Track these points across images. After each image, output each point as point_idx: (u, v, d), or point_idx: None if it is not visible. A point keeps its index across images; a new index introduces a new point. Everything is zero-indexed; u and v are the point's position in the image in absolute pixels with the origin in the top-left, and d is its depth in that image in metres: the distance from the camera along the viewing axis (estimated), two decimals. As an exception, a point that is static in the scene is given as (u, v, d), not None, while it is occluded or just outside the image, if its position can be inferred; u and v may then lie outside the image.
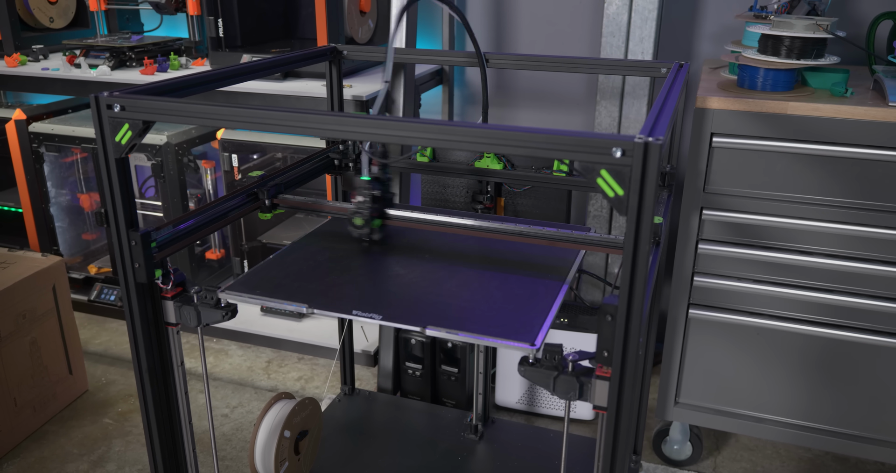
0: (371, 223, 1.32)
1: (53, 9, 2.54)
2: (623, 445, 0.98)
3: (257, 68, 1.36)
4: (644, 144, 0.81)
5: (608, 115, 2.05)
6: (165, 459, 1.25)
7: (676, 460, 1.88)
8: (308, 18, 2.39)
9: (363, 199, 1.32)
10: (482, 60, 1.52)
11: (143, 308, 1.14)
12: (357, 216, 1.32)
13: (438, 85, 2.28)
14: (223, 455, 1.91)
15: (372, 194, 1.31)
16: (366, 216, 1.31)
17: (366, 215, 1.31)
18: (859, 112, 1.43)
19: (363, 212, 1.31)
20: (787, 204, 1.54)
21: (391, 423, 1.87)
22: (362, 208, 1.32)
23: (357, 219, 1.32)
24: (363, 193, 1.31)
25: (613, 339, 0.93)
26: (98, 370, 2.29)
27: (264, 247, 2.51)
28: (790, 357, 1.64)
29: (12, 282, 1.90)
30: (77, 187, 2.61)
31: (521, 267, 1.27)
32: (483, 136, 0.88)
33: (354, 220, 1.32)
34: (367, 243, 1.36)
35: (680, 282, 1.66)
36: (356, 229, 1.33)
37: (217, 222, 1.29)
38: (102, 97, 1.03)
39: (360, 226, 1.32)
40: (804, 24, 1.46)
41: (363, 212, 1.31)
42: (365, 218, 1.31)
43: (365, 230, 1.32)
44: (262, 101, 1.97)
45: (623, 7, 1.92)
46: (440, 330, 1.04)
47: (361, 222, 1.32)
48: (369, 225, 1.32)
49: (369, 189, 1.31)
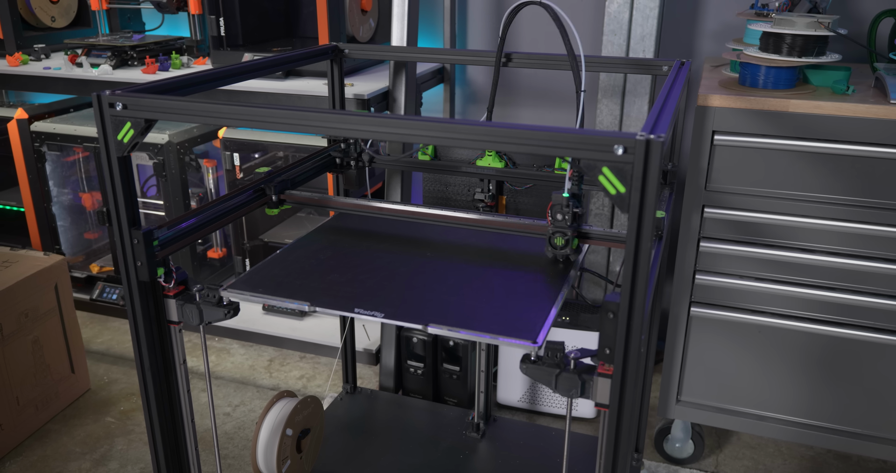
0: (572, 243, 1.22)
1: (55, 8, 2.54)
2: (625, 443, 0.98)
3: (259, 67, 1.36)
4: (646, 141, 0.81)
5: (610, 113, 2.05)
6: (168, 457, 1.25)
7: (678, 458, 1.89)
8: (309, 17, 2.39)
9: (562, 217, 1.21)
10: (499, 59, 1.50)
11: (146, 307, 1.15)
12: (558, 236, 1.22)
13: (440, 83, 2.28)
14: (225, 453, 1.92)
15: (573, 213, 1.21)
16: (568, 236, 1.22)
17: (568, 235, 1.22)
18: (861, 110, 1.43)
19: (565, 231, 1.21)
20: (789, 202, 1.54)
21: (393, 421, 1.87)
22: (562, 227, 1.21)
23: (558, 239, 1.22)
24: (563, 210, 1.21)
25: (615, 336, 0.93)
26: (100, 368, 2.29)
27: (266, 246, 2.51)
28: (792, 355, 1.64)
29: (14, 281, 1.90)
30: (79, 186, 2.61)
31: (522, 265, 1.27)
32: (485, 134, 0.88)
33: (555, 240, 1.22)
34: (561, 265, 1.24)
35: (682, 280, 1.66)
36: (554, 250, 1.23)
37: (220, 219, 1.29)
38: (105, 96, 1.03)
39: (560, 247, 1.22)
40: (805, 21, 1.46)
41: (565, 231, 1.21)
42: (566, 238, 1.22)
43: (565, 252, 1.23)
44: (264, 99, 1.98)
45: (624, 5, 1.92)
46: (442, 328, 1.04)
47: (562, 242, 1.22)
48: (570, 245, 1.22)
49: (570, 206, 1.20)
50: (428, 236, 1.40)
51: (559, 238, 1.22)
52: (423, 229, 1.43)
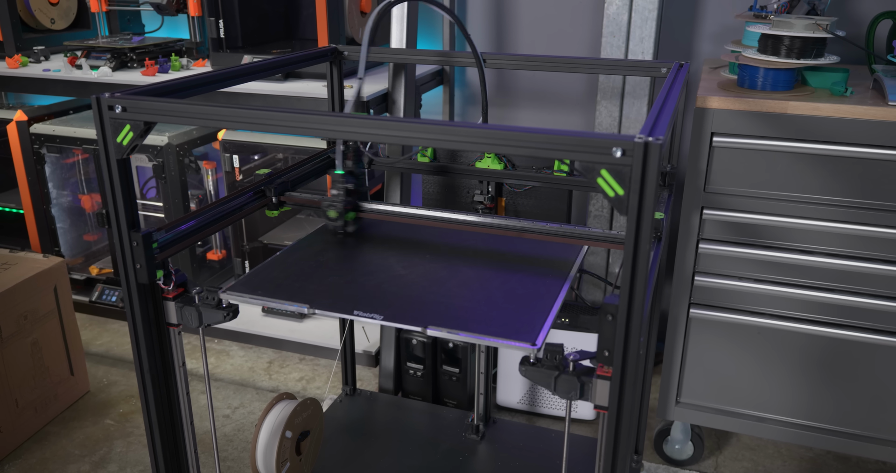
0: (345, 216, 1.37)
1: (55, 10, 2.54)
2: (624, 444, 0.98)
3: (258, 69, 1.36)
4: (644, 143, 0.82)
5: (608, 115, 2.05)
6: (167, 460, 1.25)
7: (678, 459, 1.89)
8: (309, 19, 2.39)
9: (337, 192, 1.37)
10: (479, 60, 1.53)
11: (145, 309, 1.15)
12: (331, 209, 1.37)
13: (439, 85, 2.28)
14: (224, 455, 1.92)
15: (346, 188, 1.37)
16: (339, 209, 1.37)
17: (339, 208, 1.37)
18: (859, 111, 1.43)
19: (337, 205, 1.37)
20: (788, 203, 1.54)
21: (392, 423, 1.87)
22: (336, 200, 1.37)
23: (331, 212, 1.37)
24: (337, 186, 1.37)
25: (614, 338, 0.93)
26: (99, 370, 2.29)
27: (265, 248, 2.51)
28: (791, 357, 1.64)
29: (14, 283, 1.90)
30: (78, 188, 2.61)
31: (521, 267, 1.27)
32: (484, 136, 0.88)
33: (329, 213, 1.38)
34: (341, 235, 1.40)
35: (681, 282, 1.67)
36: (331, 222, 1.39)
37: (219, 222, 1.29)
38: (104, 98, 1.03)
39: (334, 218, 1.38)
40: (804, 23, 1.46)
41: (337, 205, 1.37)
42: (339, 211, 1.37)
43: (339, 223, 1.38)
44: (263, 101, 1.98)
45: (623, 7, 1.92)
46: (441, 330, 1.04)
47: (335, 214, 1.37)
48: (343, 217, 1.37)
49: (343, 183, 1.37)
50: (427, 237, 1.40)
51: (332, 211, 1.37)
52: (423, 230, 1.43)
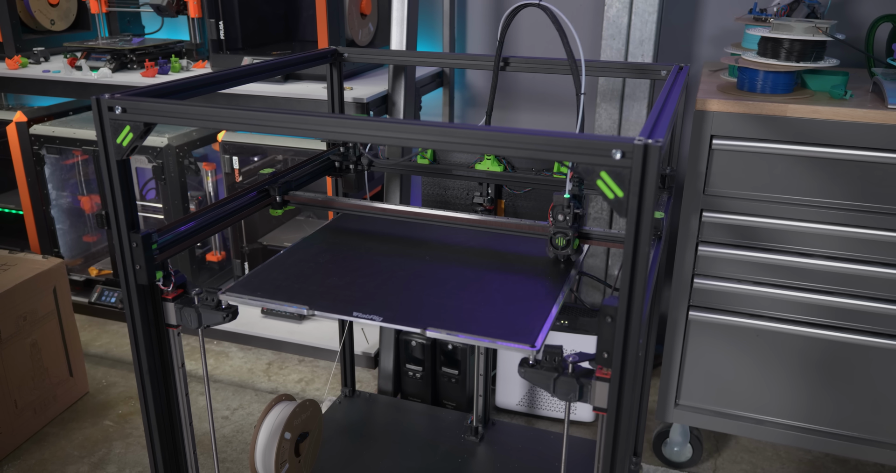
0: (572, 244, 1.25)
1: (54, 11, 2.55)
2: (623, 446, 0.98)
3: (258, 71, 1.37)
4: (644, 146, 0.82)
5: (608, 117, 2.05)
6: (166, 461, 1.25)
7: (677, 462, 1.89)
8: (309, 21, 2.40)
9: (563, 217, 1.23)
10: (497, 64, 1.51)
11: (144, 310, 1.15)
12: (559, 237, 1.25)
13: (439, 87, 2.28)
14: (224, 456, 1.92)
15: (574, 213, 1.24)
16: (569, 236, 1.24)
17: (569, 236, 1.24)
18: (858, 114, 1.43)
19: (566, 232, 1.24)
20: (787, 206, 1.54)
21: (392, 425, 1.87)
22: (563, 228, 1.24)
23: (560, 239, 1.25)
24: (564, 211, 1.23)
25: (613, 340, 0.93)
26: (98, 372, 2.29)
27: (265, 249, 2.51)
28: (790, 359, 1.65)
29: (13, 284, 1.90)
30: (78, 190, 2.61)
31: (521, 268, 1.27)
32: (483, 138, 0.88)
33: (557, 241, 1.25)
34: (562, 265, 1.27)
35: (680, 284, 1.67)
36: (555, 250, 1.26)
37: (220, 222, 1.29)
38: (104, 99, 1.03)
39: (562, 247, 1.25)
40: (803, 26, 1.46)
41: (566, 232, 1.24)
42: (567, 239, 1.25)
43: (567, 252, 1.26)
44: (263, 103, 1.98)
45: (623, 10, 1.93)
46: (440, 332, 1.04)
47: (563, 242, 1.25)
48: (571, 246, 1.25)
49: (571, 207, 1.23)
50: (427, 239, 1.40)
51: (560, 239, 1.25)
52: (423, 232, 1.43)
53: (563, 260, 1.28)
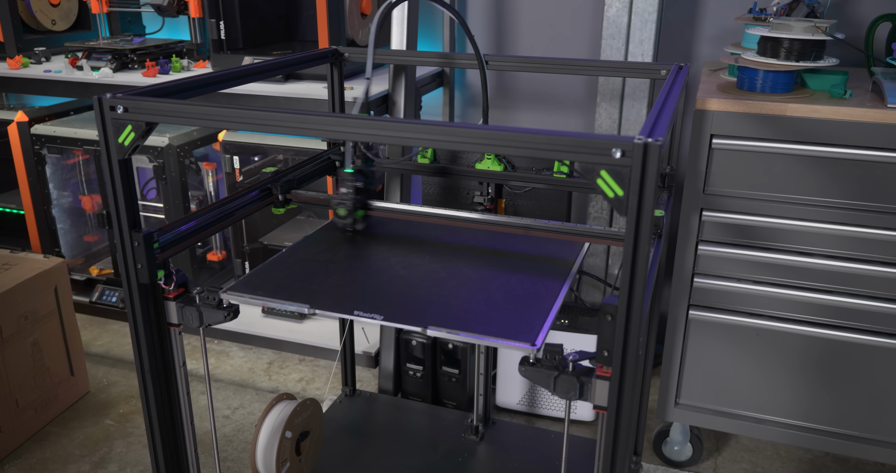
0: (354, 214, 1.39)
1: (56, 11, 2.55)
2: (623, 445, 0.99)
3: (259, 70, 1.37)
4: (643, 145, 0.82)
5: (608, 116, 2.06)
6: (167, 460, 1.25)
7: (677, 461, 1.89)
8: (309, 21, 2.40)
9: (346, 190, 1.38)
10: (482, 62, 1.53)
11: (146, 309, 1.15)
12: (340, 207, 1.39)
13: (439, 87, 2.28)
14: (224, 456, 1.92)
15: (355, 186, 1.38)
16: (348, 207, 1.38)
17: (348, 206, 1.38)
18: (858, 114, 1.43)
19: (346, 202, 1.38)
20: (787, 205, 1.54)
21: (392, 424, 1.87)
22: (345, 198, 1.38)
23: (340, 209, 1.39)
24: (346, 184, 1.38)
25: (613, 339, 0.94)
26: (99, 371, 2.30)
27: (265, 248, 2.51)
28: (790, 358, 1.65)
29: (14, 283, 1.91)
30: (79, 189, 2.62)
31: (521, 268, 1.27)
32: (484, 137, 0.89)
33: (338, 210, 1.39)
34: (350, 233, 1.42)
35: (680, 283, 1.67)
36: (340, 220, 1.40)
37: (221, 221, 1.29)
38: (106, 99, 1.03)
39: (343, 216, 1.39)
40: (803, 26, 1.47)
41: (346, 202, 1.38)
42: (348, 208, 1.38)
43: (348, 220, 1.39)
44: (264, 103, 1.98)
45: (623, 9, 1.93)
46: (441, 330, 1.05)
47: (345, 212, 1.39)
48: (352, 215, 1.39)
49: (352, 181, 1.38)
50: (428, 238, 1.41)
51: (342, 209, 1.39)
52: (423, 230, 1.44)
53: (349, 230, 1.42)
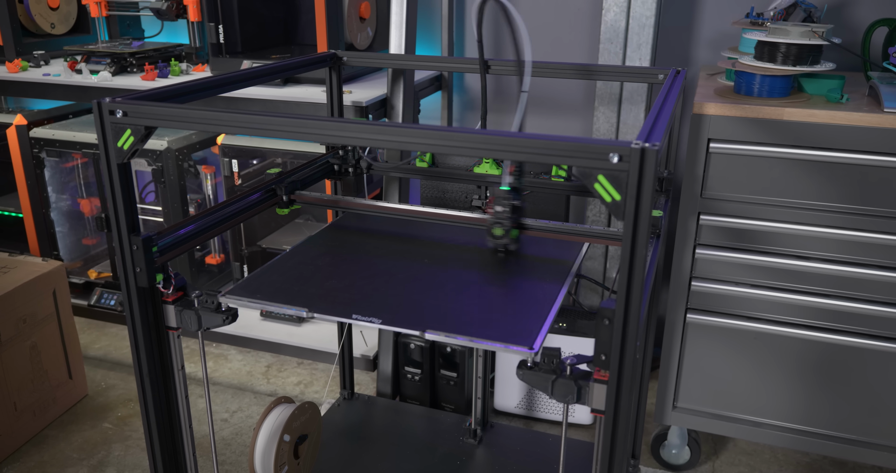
0: (510, 234, 1.31)
1: (55, 15, 2.55)
2: (621, 448, 0.99)
3: (258, 74, 1.37)
4: (641, 149, 0.82)
5: (606, 121, 2.06)
6: (165, 463, 1.25)
7: (675, 464, 1.89)
8: (308, 25, 2.40)
9: (502, 209, 1.30)
10: (483, 67, 1.53)
11: (144, 312, 1.15)
12: (497, 227, 1.31)
13: (438, 91, 2.29)
14: (223, 459, 1.92)
15: (512, 204, 1.30)
16: (507, 226, 1.30)
17: (507, 226, 1.30)
18: (855, 118, 1.44)
19: (504, 222, 1.30)
20: (784, 209, 1.55)
21: (390, 427, 1.87)
22: (502, 218, 1.30)
23: (497, 229, 1.31)
24: (502, 203, 1.30)
25: (611, 343, 0.94)
26: (98, 374, 2.29)
27: (264, 252, 2.51)
28: (788, 362, 1.65)
29: (13, 287, 1.91)
30: (77, 192, 2.62)
31: (520, 270, 1.28)
32: (482, 141, 0.89)
33: (494, 230, 1.31)
34: (502, 254, 1.36)
35: (678, 287, 1.67)
36: (494, 239, 1.32)
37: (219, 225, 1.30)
38: (105, 103, 1.03)
39: (499, 236, 1.31)
40: (800, 30, 1.47)
41: (504, 222, 1.30)
42: (505, 228, 1.30)
43: (504, 241, 1.32)
44: (263, 106, 1.98)
45: (621, 14, 1.94)
46: (439, 334, 1.05)
47: (501, 232, 1.31)
48: (508, 235, 1.31)
49: (509, 199, 1.30)
50: (426, 241, 1.41)
51: (498, 229, 1.31)
52: (422, 233, 1.44)
53: (502, 250, 1.36)
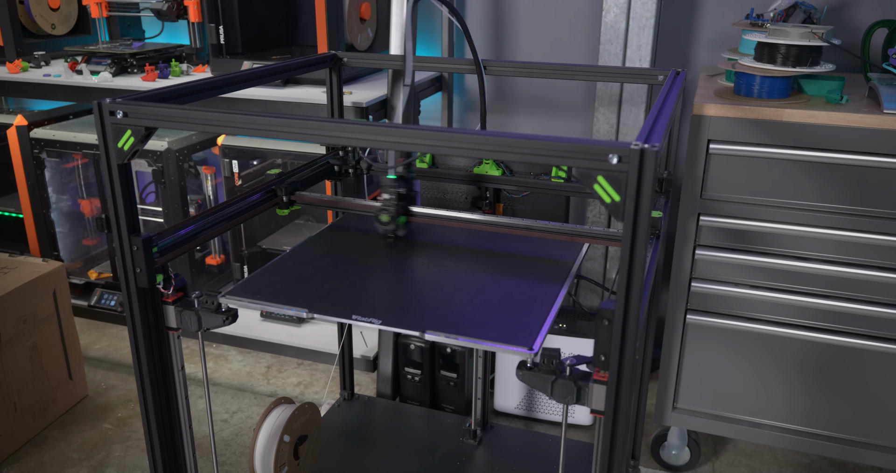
0: (397, 220, 1.38)
1: (55, 15, 2.56)
2: (620, 449, 0.99)
3: (258, 75, 1.37)
4: (640, 150, 0.83)
5: (606, 122, 2.06)
6: (165, 464, 1.25)
7: (675, 465, 1.89)
8: (308, 25, 2.41)
9: (389, 196, 1.37)
10: (480, 67, 1.54)
11: (145, 313, 1.15)
12: (383, 213, 1.38)
13: (438, 92, 2.29)
14: (223, 460, 1.92)
15: (398, 192, 1.37)
16: (392, 213, 1.37)
17: (392, 212, 1.37)
18: (854, 119, 1.44)
19: (389, 209, 1.37)
20: (784, 210, 1.55)
21: (390, 428, 1.87)
22: (388, 205, 1.37)
23: (383, 216, 1.38)
24: (389, 190, 1.36)
25: (610, 343, 0.94)
26: (98, 375, 2.30)
27: (264, 253, 2.51)
28: (787, 363, 1.65)
29: (13, 287, 1.91)
30: (77, 193, 2.62)
31: (520, 271, 1.28)
32: (482, 142, 0.89)
33: (381, 216, 1.38)
34: (391, 239, 1.41)
35: (678, 288, 1.67)
36: (382, 226, 1.39)
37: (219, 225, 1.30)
38: (105, 104, 1.04)
39: (386, 222, 1.38)
40: (800, 32, 1.47)
41: (389, 209, 1.37)
42: (391, 215, 1.37)
43: (391, 227, 1.38)
44: (263, 107, 1.99)
45: (621, 15, 1.94)
46: (439, 334, 1.05)
47: (388, 218, 1.38)
48: (395, 221, 1.38)
49: (395, 187, 1.37)
50: (426, 241, 1.41)
51: (385, 215, 1.38)
52: (422, 234, 1.44)
53: (391, 236, 1.41)
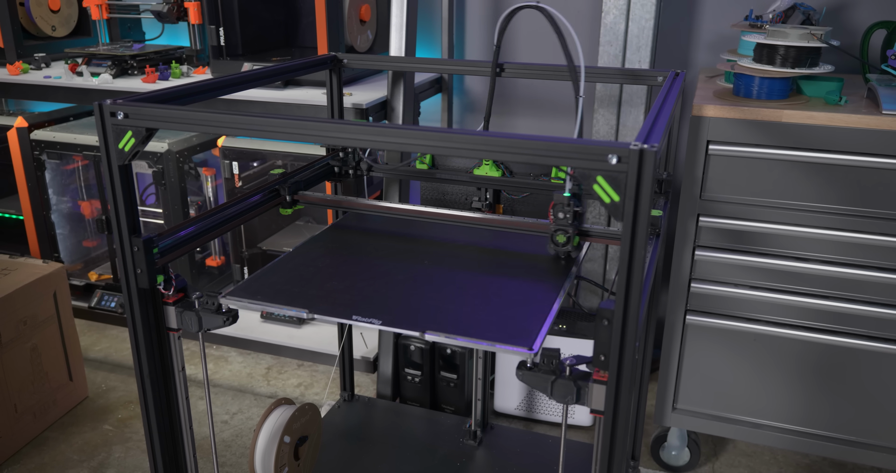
0: (572, 241, 1.29)
1: (56, 17, 2.56)
2: (620, 449, 0.99)
3: (258, 77, 1.38)
4: (640, 151, 0.83)
5: (606, 122, 2.07)
6: (166, 465, 1.26)
7: (675, 466, 1.89)
8: (308, 27, 2.41)
9: (565, 215, 1.28)
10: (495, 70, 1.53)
11: (145, 314, 1.15)
12: (559, 233, 1.29)
13: (438, 93, 2.29)
14: (223, 461, 1.92)
15: (574, 211, 1.28)
16: (570, 233, 1.28)
17: (570, 232, 1.28)
18: (853, 120, 1.44)
19: (567, 229, 1.28)
20: (783, 211, 1.55)
21: (390, 429, 1.88)
22: (564, 224, 1.28)
23: (559, 236, 1.29)
24: (564, 210, 1.27)
25: (610, 343, 0.94)
26: (98, 376, 2.30)
27: (264, 254, 2.52)
28: (787, 363, 1.65)
29: (13, 288, 1.91)
30: (78, 195, 2.62)
31: (520, 271, 1.28)
32: (481, 143, 0.89)
33: (557, 237, 1.29)
34: (563, 261, 1.33)
35: (677, 288, 1.68)
36: (557, 247, 1.30)
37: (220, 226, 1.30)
38: (106, 105, 1.04)
39: (562, 244, 1.29)
40: (799, 33, 1.48)
41: (567, 229, 1.28)
42: (567, 235, 1.29)
43: (567, 248, 1.30)
44: (263, 108, 1.99)
45: (620, 16, 1.94)
46: (439, 335, 1.05)
47: (564, 239, 1.29)
48: (571, 242, 1.29)
49: (571, 206, 1.27)
50: (426, 242, 1.41)
51: (561, 235, 1.29)
52: (422, 234, 1.44)
53: (563, 257, 1.32)
